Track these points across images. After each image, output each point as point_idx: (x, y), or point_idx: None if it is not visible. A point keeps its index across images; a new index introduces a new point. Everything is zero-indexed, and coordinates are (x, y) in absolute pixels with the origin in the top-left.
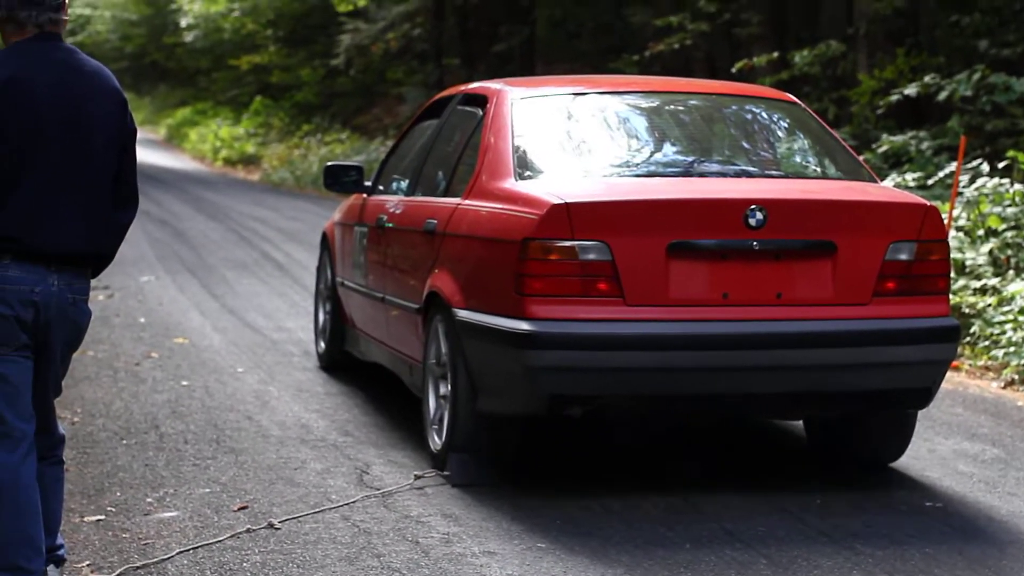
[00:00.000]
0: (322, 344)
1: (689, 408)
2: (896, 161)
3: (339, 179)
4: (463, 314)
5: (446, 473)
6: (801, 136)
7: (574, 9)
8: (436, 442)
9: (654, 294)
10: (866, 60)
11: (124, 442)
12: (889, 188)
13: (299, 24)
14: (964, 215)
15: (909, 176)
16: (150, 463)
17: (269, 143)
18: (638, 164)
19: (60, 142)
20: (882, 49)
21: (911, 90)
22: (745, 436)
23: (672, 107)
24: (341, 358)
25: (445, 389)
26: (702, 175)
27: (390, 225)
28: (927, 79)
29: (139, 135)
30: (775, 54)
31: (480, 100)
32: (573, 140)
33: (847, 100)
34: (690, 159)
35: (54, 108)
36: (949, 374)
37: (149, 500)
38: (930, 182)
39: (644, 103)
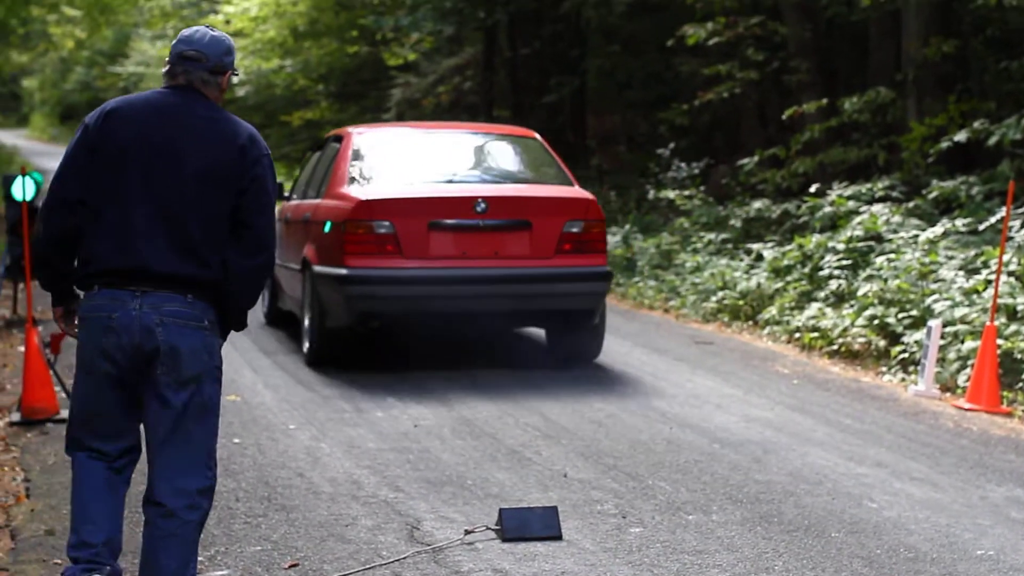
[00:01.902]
0: (266, 303)
1: (443, 321)
2: (947, 207)
3: (287, 196)
4: (317, 268)
5: (497, 528)
6: (528, 157)
7: (623, 60)
8: (306, 345)
9: (420, 252)
10: (915, 106)
11: None
12: (572, 188)
13: (350, 79)
14: (1015, 260)
15: (960, 222)
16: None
17: None
18: (421, 175)
19: (146, 172)
20: (931, 95)
21: (961, 136)
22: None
23: (453, 140)
24: (276, 313)
25: (291, 305)
26: (456, 182)
27: (288, 218)
28: (976, 124)
29: None
30: (824, 101)
31: (340, 137)
32: (386, 161)
33: (897, 146)
34: (453, 171)
35: (147, 146)
36: (1001, 420)
37: (201, 559)
38: (981, 227)
39: (437, 139)
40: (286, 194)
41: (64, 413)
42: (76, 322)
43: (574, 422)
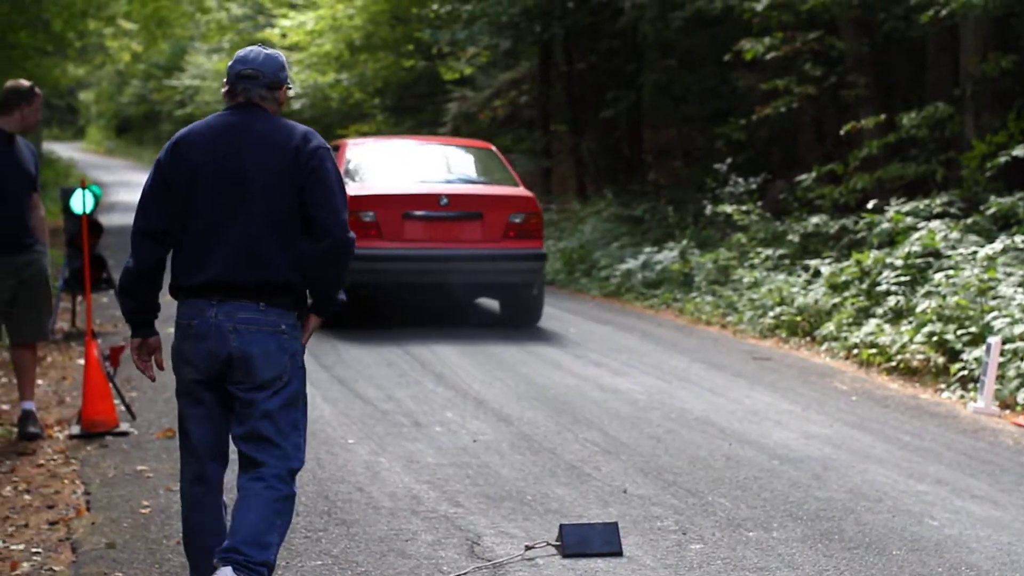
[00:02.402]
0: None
1: (416, 292)
2: (1005, 223)
3: None
4: None
5: (557, 543)
6: (484, 164)
7: (680, 74)
8: None
9: (396, 236)
10: (973, 121)
11: None
12: (517, 188)
13: (406, 92)
14: None
15: (1018, 238)
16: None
17: None
18: (399, 176)
19: (215, 191)
20: (989, 110)
21: (1020, 151)
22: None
23: (426, 150)
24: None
25: None
26: (425, 182)
27: None
28: None
29: None
30: (882, 116)
31: (338, 147)
32: (372, 165)
33: (955, 162)
34: (424, 174)
35: (215, 165)
36: None
37: None
38: None
39: (413, 149)
40: None
41: (124, 426)
42: (150, 360)
43: (633, 438)
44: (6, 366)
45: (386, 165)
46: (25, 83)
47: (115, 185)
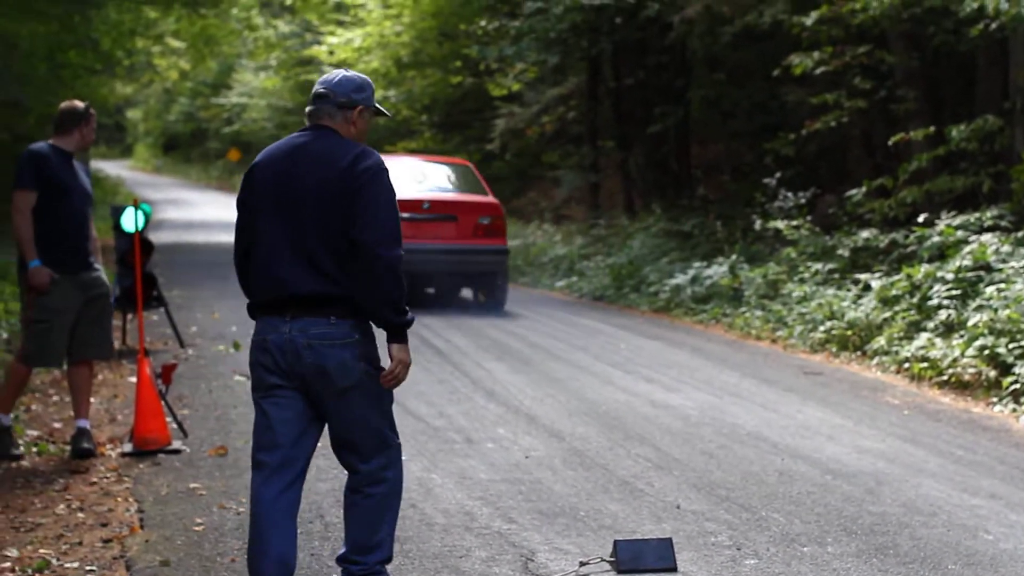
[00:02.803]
0: None
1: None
2: None
3: None
4: None
5: (611, 559)
6: (460, 177)
7: (728, 89)
8: None
9: None
10: (1023, 134)
11: None
12: (486, 196)
13: (453, 109)
14: None
15: None
16: (315, 552)
17: None
18: (398, 186)
19: (276, 210)
20: None
21: None
22: None
23: (412, 165)
24: None
25: None
26: (410, 190)
27: None
28: None
29: None
30: (931, 129)
31: None
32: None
33: (1005, 175)
34: (411, 184)
35: (276, 185)
36: None
37: None
38: None
39: (402, 163)
40: None
41: (176, 444)
42: None
43: (685, 453)
44: (57, 385)
45: (410, 172)
46: (80, 103)
47: (163, 203)
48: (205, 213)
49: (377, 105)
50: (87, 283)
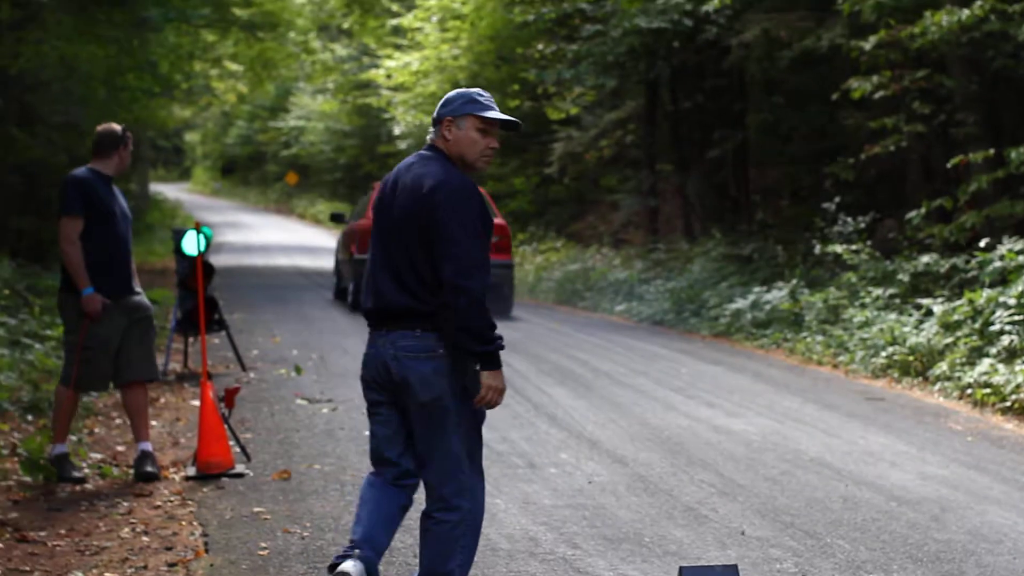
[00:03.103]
0: (335, 283)
1: None
2: None
3: (338, 219)
4: (355, 256)
5: None
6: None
7: (786, 113)
8: (350, 298)
9: None
10: None
11: None
12: (496, 218)
13: (511, 133)
14: None
15: None
16: None
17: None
18: None
19: (378, 228)
20: None
21: None
22: None
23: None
24: (338, 292)
25: (346, 283)
26: None
27: (345, 231)
28: None
29: None
30: (991, 151)
31: (372, 186)
32: None
33: None
34: None
35: (380, 204)
36: None
37: None
38: None
39: None
40: (346, 218)
41: (239, 468)
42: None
43: (749, 479)
44: (120, 408)
45: None
46: (117, 126)
47: (221, 226)
48: (263, 236)
49: (472, 113)
50: (131, 307)
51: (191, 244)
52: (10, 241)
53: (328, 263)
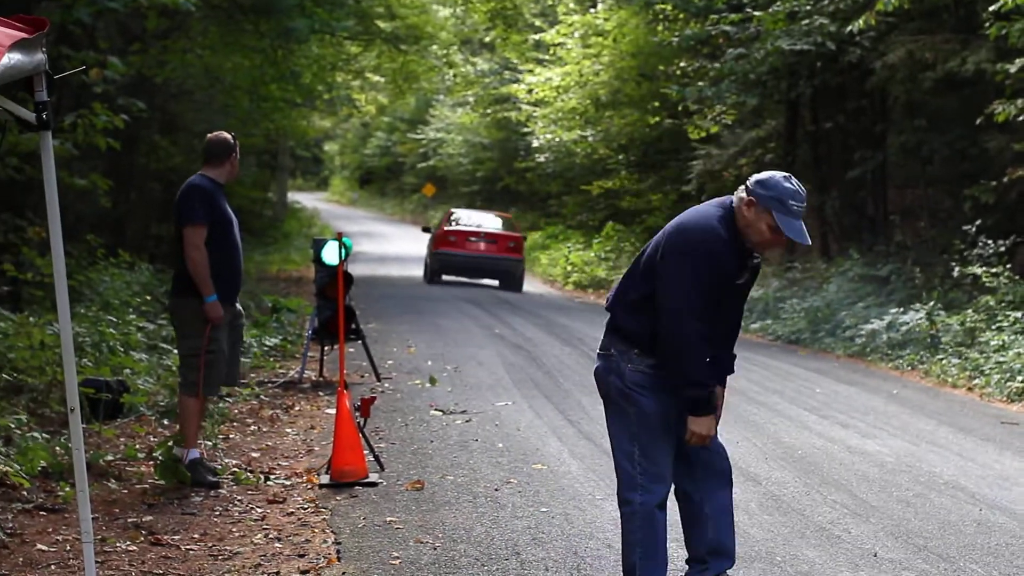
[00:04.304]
0: (424, 267)
1: (466, 272)
2: None
3: (427, 230)
4: (433, 251)
5: None
6: (502, 220)
7: (928, 135)
8: (429, 276)
9: (462, 248)
10: None
11: (485, 568)
12: (513, 231)
13: (650, 149)
14: None
15: None
16: None
17: (620, 267)
18: (464, 223)
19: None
20: None
21: None
22: None
23: (479, 215)
24: (430, 277)
25: (429, 266)
26: (474, 226)
27: (430, 236)
28: None
29: None
30: None
31: (448, 211)
32: (457, 219)
33: None
34: (475, 224)
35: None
36: None
37: None
38: None
39: (473, 214)
40: (432, 229)
41: (372, 477)
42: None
43: (882, 500)
44: (255, 414)
45: (464, 219)
46: (228, 135)
47: (358, 236)
48: (399, 247)
49: (772, 211)
50: (236, 314)
51: (332, 254)
52: (149, 247)
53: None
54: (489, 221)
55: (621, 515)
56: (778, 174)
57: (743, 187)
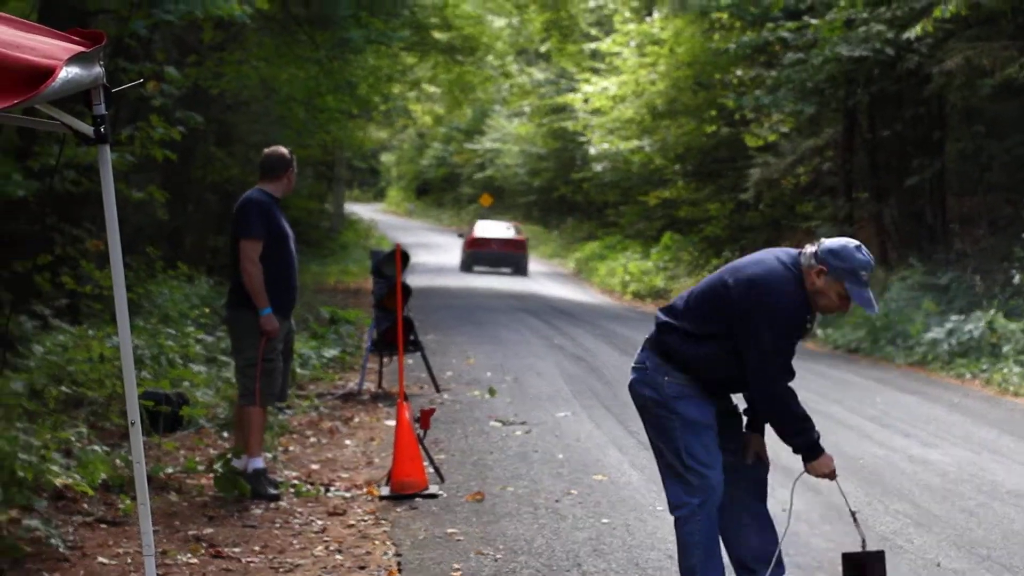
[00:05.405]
0: (463, 264)
1: (486, 262)
2: None
3: (461, 235)
4: (466, 250)
5: None
6: (514, 228)
7: (986, 142)
8: (460, 267)
9: (485, 247)
10: None
11: None
12: (521, 235)
13: (707, 158)
14: None
15: None
16: None
17: (678, 277)
18: (486, 231)
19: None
20: None
21: None
22: None
23: (497, 224)
24: (466, 267)
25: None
26: (493, 233)
27: (463, 238)
28: None
29: (547, 268)
30: None
31: (474, 222)
32: (481, 227)
33: None
34: (495, 232)
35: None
36: None
37: None
38: None
39: (493, 224)
40: (462, 235)
41: (433, 488)
42: None
43: (944, 510)
44: (314, 427)
45: (484, 228)
46: (284, 150)
47: (414, 247)
48: (457, 258)
49: (844, 283)
50: (289, 330)
51: (391, 265)
52: (206, 259)
53: (523, 284)
54: (502, 228)
55: (677, 520)
56: (851, 244)
57: (812, 252)
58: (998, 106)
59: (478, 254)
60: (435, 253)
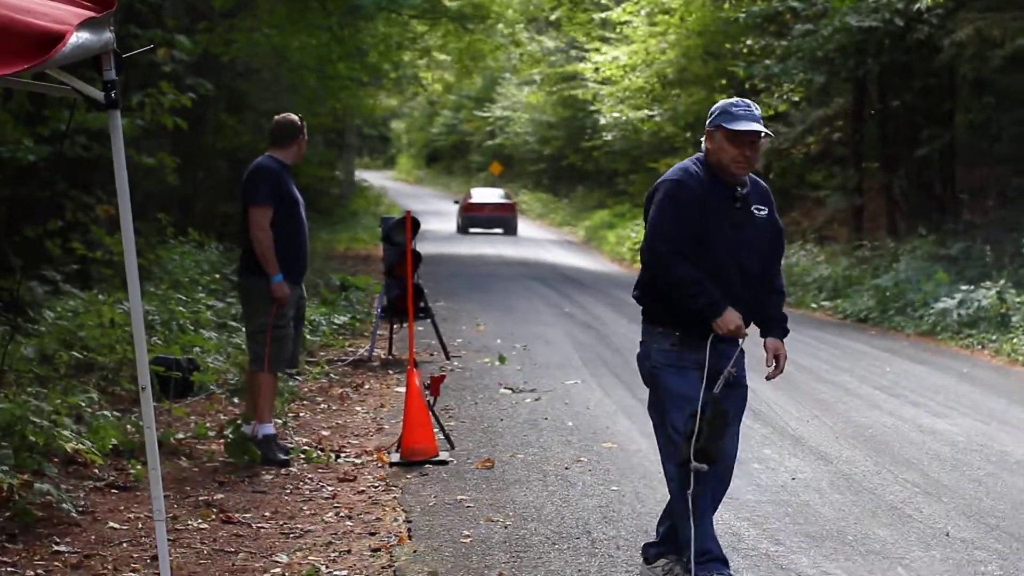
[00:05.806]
0: (459, 227)
1: (480, 224)
2: None
3: (457, 201)
4: (464, 214)
5: None
6: (504, 192)
7: (996, 113)
8: (456, 230)
9: (479, 211)
10: None
11: (556, 547)
12: (511, 200)
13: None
14: None
15: None
16: (583, 569)
17: None
18: (480, 197)
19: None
20: None
21: None
22: None
23: (492, 189)
24: (462, 230)
25: (460, 224)
26: (485, 199)
27: (459, 203)
28: None
29: (557, 236)
30: None
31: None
32: (476, 193)
33: None
34: (488, 198)
35: None
36: None
37: None
38: None
39: (486, 190)
40: (457, 201)
41: (443, 455)
42: None
43: (954, 479)
44: (324, 393)
45: (479, 194)
46: (295, 116)
47: (425, 214)
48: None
49: (721, 124)
50: (299, 296)
51: (401, 232)
52: (216, 226)
53: (533, 253)
54: (495, 195)
55: (683, 475)
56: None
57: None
58: (1008, 77)
59: (473, 217)
60: (445, 220)
